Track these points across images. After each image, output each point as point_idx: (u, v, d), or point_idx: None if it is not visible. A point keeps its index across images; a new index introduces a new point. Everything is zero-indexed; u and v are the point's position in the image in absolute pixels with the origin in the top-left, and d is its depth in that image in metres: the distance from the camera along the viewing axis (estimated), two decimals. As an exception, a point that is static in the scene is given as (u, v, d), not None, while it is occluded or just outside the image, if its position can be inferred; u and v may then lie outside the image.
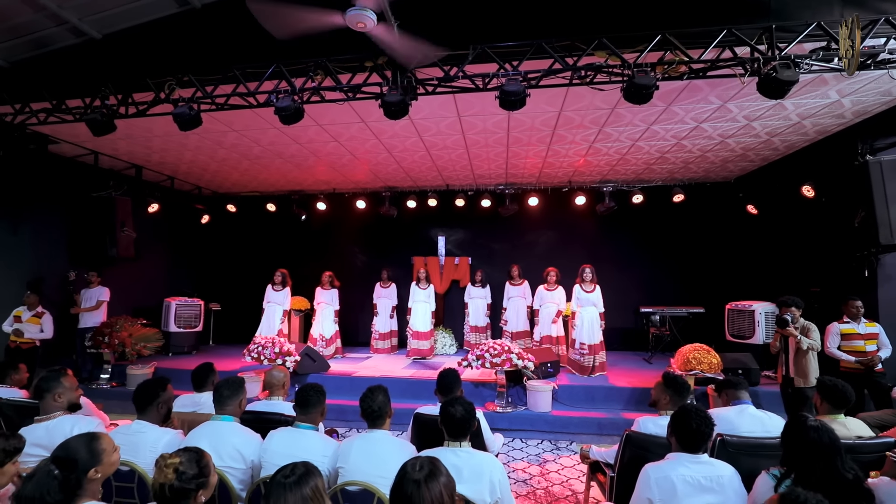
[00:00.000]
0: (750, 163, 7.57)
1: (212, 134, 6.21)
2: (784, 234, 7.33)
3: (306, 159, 7.37)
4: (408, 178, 8.64)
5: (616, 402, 5.66)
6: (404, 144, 6.62)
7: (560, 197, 8.98)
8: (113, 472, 1.96)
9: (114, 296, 7.19)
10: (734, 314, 7.10)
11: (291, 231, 9.95)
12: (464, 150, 6.91)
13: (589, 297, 6.59)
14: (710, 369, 5.04)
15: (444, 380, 3.21)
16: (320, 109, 5.31)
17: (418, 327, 7.87)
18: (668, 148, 6.80)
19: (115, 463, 1.90)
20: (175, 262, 9.37)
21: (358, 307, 9.30)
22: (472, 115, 5.50)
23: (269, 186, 9.39)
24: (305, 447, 2.41)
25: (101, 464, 1.77)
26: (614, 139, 6.41)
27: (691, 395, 3.10)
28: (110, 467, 1.87)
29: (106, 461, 1.81)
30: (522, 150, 6.92)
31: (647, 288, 8.82)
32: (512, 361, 5.28)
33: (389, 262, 9.45)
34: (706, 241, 8.76)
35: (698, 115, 5.55)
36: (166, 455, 1.69)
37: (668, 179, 8.58)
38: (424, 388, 5.92)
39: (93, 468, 1.74)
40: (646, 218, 8.92)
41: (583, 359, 6.41)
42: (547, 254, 9.06)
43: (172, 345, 7.92)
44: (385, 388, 2.65)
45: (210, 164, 7.73)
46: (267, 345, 5.80)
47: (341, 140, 6.43)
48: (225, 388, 2.61)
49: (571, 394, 5.73)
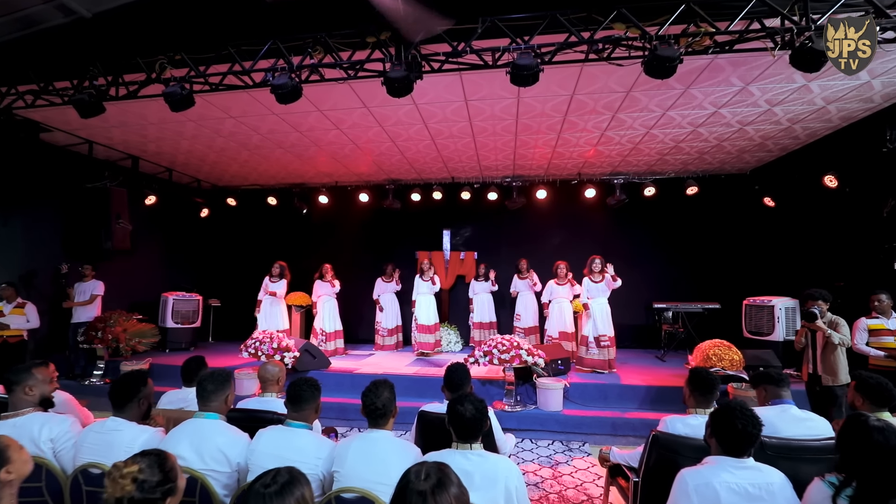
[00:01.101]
0: (768, 153, 7.28)
1: (208, 121, 5.97)
2: (804, 226, 7.02)
3: (307, 149, 7.13)
4: (412, 170, 8.38)
5: (630, 401, 5.38)
6: (408, 132, 6.37)
7: (569, 190, 8.71)
8: (30, 473, 1.73)
9: (109, 290, 6.98)
10: (752, 310, 6.81)
11: (293, 225, 9.72)
12: (470, 139, 6.65)
13: (598, 288, 6.35)
14: (731, 366, 4.76)
15: (453, 375, 2.93)
16: (321, 94, 5.07)
17: (423, 320, 7.63)
18: (684, 136, 6.51)
19: (27, 461, 1.68)
20: (174, 257, 9.15)
21: (361, 303, 9.06)
22: (479, 98, 5.24)
23: (269, 179, 9.17)
24: (297, 448, 2.16)
25: (10, 462, 1.54)
26: (628, 126, 6.13)
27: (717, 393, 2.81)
28: (23, 466, 1.64)
29: (16, 459, 1.57)
30: (531, 139, 6.65)
31: (659, 283, 8.53)
32: (521, 358, 5.02)
33: (393, 256, 9.21)
34: (721, 234, 8.46)
35: (718, 100, 5.26)
36: (120, 464, 1.42)
37: (681, 171, 8.29)
38: (429, 386, 5.67)
39: (3, 468, 1.51)
40: (658, 211, 8.63)
41: (602, 352, 6.15)
42: (555, 248, 8.78)
43: (169, 341, 7.70)
44: (391, 384, 2.39)
45: (208, 155, 7.50)
46: (265, 340, 5.56)
47: (343, 128, 6.19)
48: (209, 381, 2.35)
49: (583, 392, 5.46)
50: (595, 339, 6.20)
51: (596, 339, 6.20)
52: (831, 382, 4.44)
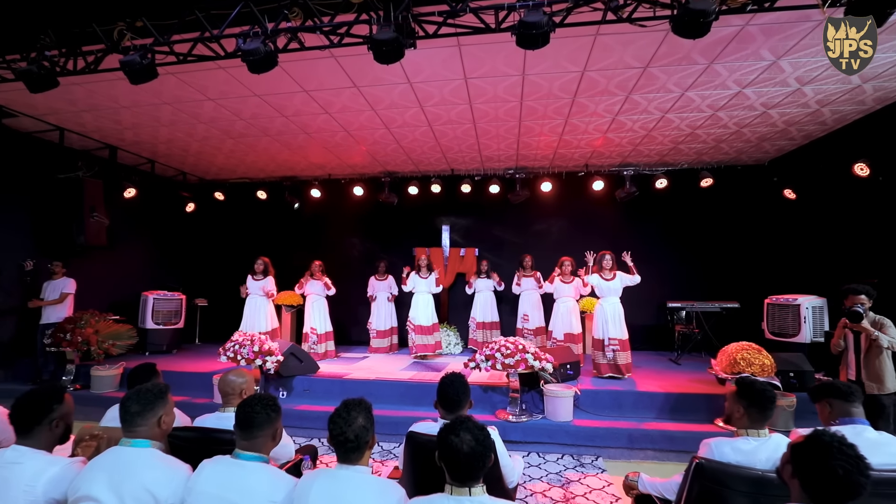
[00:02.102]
0: (790, 141, 6.77)
1: (186, 104, 5.49)
2: (830, 219, 6.51)
3: (295, 137, 6.64)
4: (409, 161, 7.89)
5: (647, 410, 4.88)
6: (403, 118, 5.88)
7: (576, 182, 8.21)
8: None
9: (84, 289, 6.50)
10: (775, 309, 6.31)
11: (284, 220, 9.23)
12: (471, 125, 6.15)
13: (610, 286, 5.83)
14: (762, 372, 4.26)
15: (448, 388, 2.38)
16: (304, 71, 4.59)
17: (420, 321, 7.08)
18: (702, 121, 6.01)
19: None
20: (157, 254, 8.66)
21: (355, 303, 8.57)
22: (480, 76, 4.75)
23: (258, 172, 8.69)
24: (246, 489, 1.67)
25: None
26: (642, 109, 5.63)
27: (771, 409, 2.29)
28: None
29: None
30: (537, 125, 6.16)
31: (671, 281, 8.02)
32: (527, 363, 4.52)
33: (389, 253, 8.72)
34: (738, 229, 7.96)
35: (743, 77, 4.77)
36: None
37: (694, 162, 7.79)
38: (426, 393, 5.17)
39: None
40: (670, 205, 8.13)
41: (615, 356, 5.63)
42: (561, 244, 8.27)
43: (149, 343, 7.21)
44: (368, 406, 1.84)
45: (190, 144, 7.02)
46: (244, 343, 5.07)
47: (332, 112, 5.69)
48: (133, 401, 1.82)
49: (595, 400, 4.96)
50: (608, 340, 5.68)
51: (609, 341, 5.68)
52: (877, 391, 3.94)
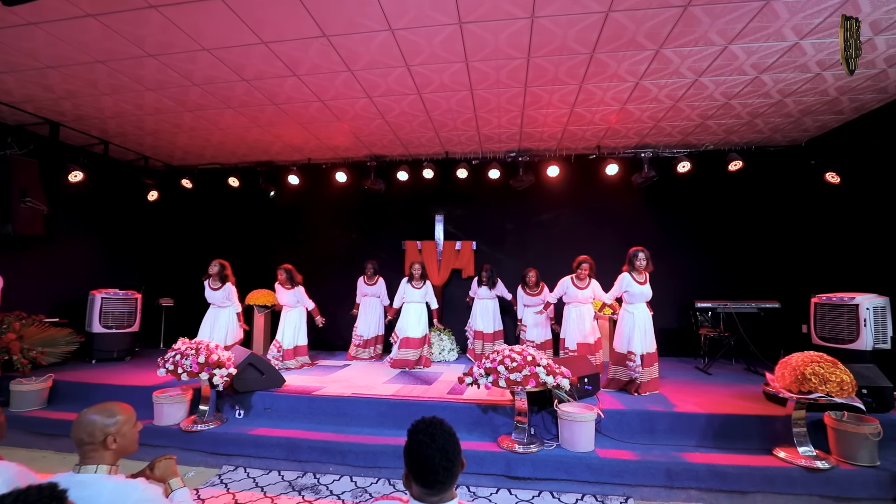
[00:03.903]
0: (836, 115, 5.85)
1: (122, 63, 4.54)
2: (884, 205, 5.58)
3: (262, 109, 5.69)
4: (397, 142, 6.94)
5: (687, 436, 3.94)
6: (387, 82, 4.93)
7: (586, 166, 7.28)
8: None
9: (17, 286, 5.55)
10: (825, 310, 5.37)
11: (259, 210, 8.27)
12: (467, 92, 5.21)
13: (643, 291, 4.82)
14: (840, 392, 3.32)
15: (424, 453, 1.36)
16: (256, 11, 3.64)
17: (410, 332, 6.12)
18: (741, 88, 5.08)
19: None
20: (113, 248, 7.67)
21: (337, 304, 7.62)
22: (479, 19, 3.80)
23: (229, 156, 7.73)
24: None
25: None
26: (672, 70, 4.69)
27: None
28: None
29: None
30: (545, 92, 5.22)
31: (694, 278, 7.09)
32: (538, 378, 3.57)
33: (377, 246, 7.78)
34: (771, 219, 7.03)
35: (805, 22, 3.83)
36: None
37: (721, 143, 6.86)
38: (412, 414, 4.22)
39: None
40: (694, 191, 7.21)
41: (637, 373, 4.66)
42: (570, 237, 7.35)
43: (97, 349, 6.23)
44: None
45: (143, 120, 6.06)
46: (187, 352, 4.11)
47: (300, 73, 4.74)
48: None
49: (622, 423, 4.01)
50: (637, 358, 4.69)
51: (633, 357, 4.71)
52: None
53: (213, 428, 4.21)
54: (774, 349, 6.62)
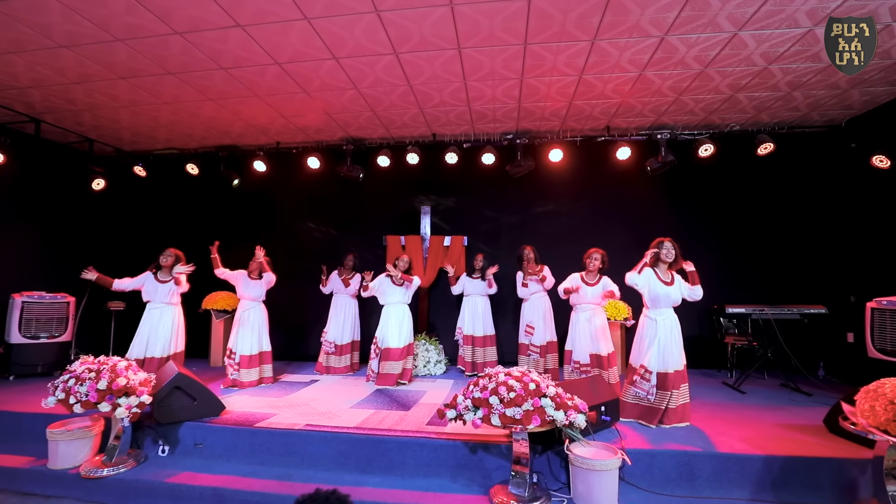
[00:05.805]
0: (889, 87, 4.96)
1: (20, 11, 3.56)
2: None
3: (209, 76, 4.72)
4: (376, 120, 5.99)
5: (738, 485, 3.00)
6: (354, 36, 3.98)
7: (594, 150, 6.36)
8: None
9: None
10: (884, 317, 4.47)
11: (221, 201, 7.31)
12: (455, 51, 4.27)
13: (669, 293, 3.84)
14: (961, 435, 2.40)
15: None
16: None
17: (391, 342, 5.16)
18: (786, 48, 4.16)
19: None
20: (52, 244, 6.66)
21: (306, 307, 6.68)
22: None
23: (186, 139, 6.75)
24: None
25: None
26: (706, 22, 3.77)
27: None
28: None
29: None
30: (550, 52, 4.28)
31: (718, 279, 6.12)
32: (545, 415, 2.64)
33: (354, 242, 6.83)
34: (808, 210, 6.13)
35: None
36: None
37: (749, 122, 5.95)
38: (380, 453, 3.28)
39: None
40: (717, 178, 6.31)
41: (651, 394, 3.70)
42: (574, 231, 6.42)
43: (15, 363, 5.25)
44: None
45: (71, 90, 5.08)
46: (84, 375, 3.15)
47: (244, 23, 3.79)
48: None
49: (651, 468, 3.07)
50: (640, 370, 3.74)
51: (640, 370, 3.75)
52: None
53: (122, 472, 3.25)
54: (813, 361, 5.73)
